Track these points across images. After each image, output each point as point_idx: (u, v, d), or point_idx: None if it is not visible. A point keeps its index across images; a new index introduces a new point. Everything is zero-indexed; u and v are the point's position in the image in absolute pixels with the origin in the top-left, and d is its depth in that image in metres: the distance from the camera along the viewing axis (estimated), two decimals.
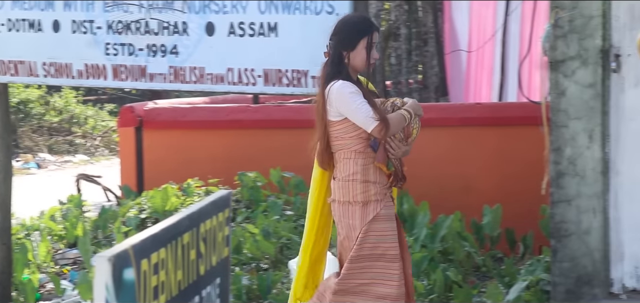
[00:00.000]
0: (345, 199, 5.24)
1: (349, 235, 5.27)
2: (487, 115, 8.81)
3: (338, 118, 5.23)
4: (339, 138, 5.26)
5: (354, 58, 5.29)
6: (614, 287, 6.78)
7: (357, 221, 5.22)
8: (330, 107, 5.24)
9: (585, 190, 6.72)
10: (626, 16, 6.68)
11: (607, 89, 6.71)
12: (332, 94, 5.22)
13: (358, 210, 5.22)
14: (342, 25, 5.42)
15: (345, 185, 5.24)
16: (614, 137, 6.71)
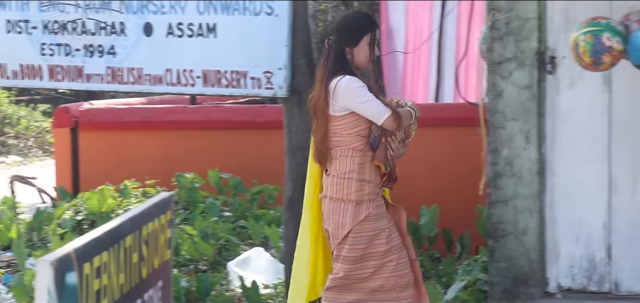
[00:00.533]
0: (338, 196, 5.21)
1: (334, 233, 5.25)
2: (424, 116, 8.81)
3: (341, 113, 5.19)
4: (337, 134, 5.23)
5: (357, 54, 5.27)
6: (550, 286, 6.87)
7: (348, 219, 5.20)
8: (335, 101, 5.18)
9: (522, 191, 6.80)
10: (561, 18, 6.78)
11: (543, 91, 6.80)
12: (339, 88, 5.16)
13: (350, 208, 5.20)
14: (345, 21, 5.41)
15: (340, 182, 5.21)
16: (550, 138, 6.80)
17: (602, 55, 5.11)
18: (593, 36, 5.14)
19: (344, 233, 5.21)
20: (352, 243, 5.21)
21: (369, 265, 5.22)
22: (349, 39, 5.27)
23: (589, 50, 5.12)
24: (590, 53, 5.11)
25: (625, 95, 6.70)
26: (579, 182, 6.79)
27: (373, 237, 5.23)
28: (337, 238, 5.23)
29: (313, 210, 5.42)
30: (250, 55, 6.69)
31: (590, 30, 5.15)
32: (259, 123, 9.48)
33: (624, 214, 6.72)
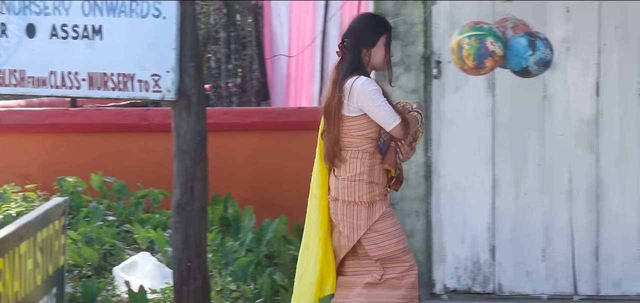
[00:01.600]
0: (351, 199, 5.26)
1: (350, 235, 5.29)
2: (309, 119, 8.87)
3: (354, 113, 5.23)
4: (348, 135, 5.27)
5: (374, 55, 5.31)
6: (436, 287, 6.99)
7: (362, 221, 5.26)
8: (349, 101, 5.21)
9: (409, 194, 6.89)
10: (446, 24, 6.90)
11: (429, 95, 6.91)
12: (354, 89, 5.19)
13: (364, 210, 5.25)
14: (361, 23, 5.41)
15: (351, 184, 5.26)
16: (436, 141, 6.92)
17: (485, 60, 5.21)
18: (477, 40, 5.24)
19: (359, 234, 5.27)
20: (377, 242, 5.27)
21: (403, 259, 5.28)
22: (366, 40, 5.30)
23: (473, 53, 5.21)
24: (474, 57, 5.20)
25: (507, 99, 6.87)
26: (464, 185, 6.92)
27: (393, 234, 5.29)
28: (353, 240, 5.28)
29: (322, 207, 5.43)
30: (138, 57, 6.59)
31: (475, 34, 5.24)
32: (143, 126, 9.35)
33: (507, 216, 6.89)
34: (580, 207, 6.84)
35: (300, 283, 5.52)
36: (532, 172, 6.87)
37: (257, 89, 11.70)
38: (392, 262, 5.29)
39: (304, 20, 11.19)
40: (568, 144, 6.84)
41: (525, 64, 5.23)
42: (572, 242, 6.86)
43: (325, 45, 11.00)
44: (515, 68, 5.29)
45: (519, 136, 6.88)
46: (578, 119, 6.84)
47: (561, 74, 6.78)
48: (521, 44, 5.27)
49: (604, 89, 6.81)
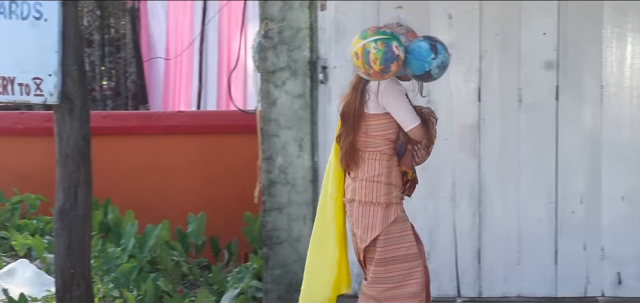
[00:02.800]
0: (368, 200, 5.31)
1: (363, 236, 5.34)
2: (190, 123, 8.81)
3: (376, 111, 5.31)
4: (368, 135, 5.35)
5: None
6: None
7: (377, 222, 5.31)
8: (373, 98, 5.29)
9: (296, 198, 6.90)
10: (332, 29, 6.94)
11: (315, 100, 6.94)
12: (382, 86, 5.28)
13: (380, 211, 5.32)
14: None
15: (369, 185, 5.32)
16: (322, 145, 6.94)
17: (391, 64, 5.25)
18: (384, 44, 5.26)
19: (373, 235, 5.31)
20: (384, 245, 5.31)
21: (403, 267, 5.33)
22: None
23: (381, 58, 5.24)
24: (381, 61, 5.23)
25: None
26: None
27: (402, 239, 5.34)
28: (366, 241, 5.34)
29: (338, 208, 5.47)
30: (18, 60, 6.41)
31: (380, 38, 5.28)
32: (18, 130, 9.11)
33: None
34: (463, 211, 6.97)
35: (313, 280, 5.55)
36: (418, 176, 6.92)
37: (134, 92, 11.52)
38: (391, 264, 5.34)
39: (181, 23, 11.08)
40: (451, 149, 6.95)
41: (428, 67, 5.29)
42: (455, 245, 6.98)
43: (204, 48, 10.93)
44: (417, 72, 5.34)
45: None
46: (461, 124, 6.96)
47: (444, 79, 6.77)
48: (423, 47, 5.33)
49: (485, 95, 6.95)
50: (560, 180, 6.91)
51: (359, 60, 5.29)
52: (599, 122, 6.89)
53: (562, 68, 6.89)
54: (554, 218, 6.93)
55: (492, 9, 6.92)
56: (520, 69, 6.93)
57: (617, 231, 6.90)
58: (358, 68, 5.33)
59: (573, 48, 6.90)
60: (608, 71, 6.90)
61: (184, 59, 10.94)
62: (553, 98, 6.91)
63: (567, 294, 6.95)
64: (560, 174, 6.92)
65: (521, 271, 6.96)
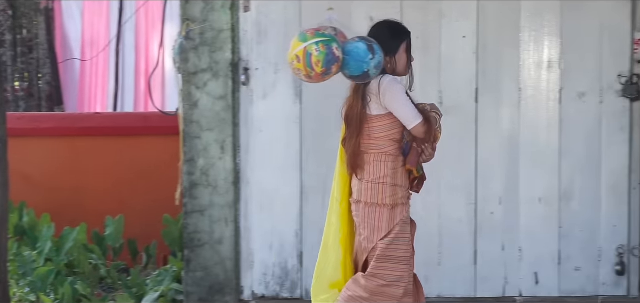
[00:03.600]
0: (374, 201, 5.31)
1: (370, 237, 5.33)
2: (109, 125, 8.71)
3: (379, 112, 5.30)
4: (372, 137, 5.33)
5: (397, 62, 5.41)
6: (245, 294, 7.00)
7: (384, 223, 5.31)
8: (375, 98, 5.27)
9: (218, 200, 6.87)
10: (253, 31, 6.93)
11: (237, 101, 6.92)
12: (382, 85, 5.26)
13: (386, 212, 5.32)
14: (381, 32, 5.44)
15: (375, 187, 5.31)
16: (244, 147, 6.93)
17: (332, 66, 5.24)
18: (325, 46, 5.25)
19: (380, 236, 5.31)
20: (388, 243, 5.31)
21: (398, 268, 5.33)
22: (388, 48, 5.37)
23: (323, 60, 5.22)
24: (324, 63, 5.22)
25: (315, 106, 6.96)
26: (273, 191, 6.97)
27: (403, 240, 5.36)
28: (373, 242, 5.33)
29: (343, 211, 5.45)
30: None
31: (322, 40, 5.26)
32: None
33: (315, 222, 6.95)
34: None
35: (318, 281, 5.52)
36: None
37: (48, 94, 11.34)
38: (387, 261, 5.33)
39: (97, 24, 10.95)
40: None
41: (366, 68, 5.30)
42: None
43: (121, 49, 10.82)
44: (355, 73, 5.34)
45: (326, 143, 6.95)
46: None
47: None
48: (361, 48, 5.33)
49: None
50: (480, 182, 7.01)
51: (300, 63, 5.26)
52: (517, 124, 7.00)
53: (481, 71, 6.99)
54: (474, 219, 7.02)
55: (413, 12, 6.97)
56: (441, 72, 7.00)
57: (534, 232, 7.01)
58: (299, 71, 5.30)
59: (492, 51, 7.00)
60: (526, 74, 7.01)
61: (100, 60, 10.81)
62: (473, 100, 6.99)
63: (486, 294, 7.04)
64: (479, 176, 7.01)
65: (441, 271, 7.03)
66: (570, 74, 6.99)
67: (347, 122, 5.43)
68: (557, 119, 7.00)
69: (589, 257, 7.03)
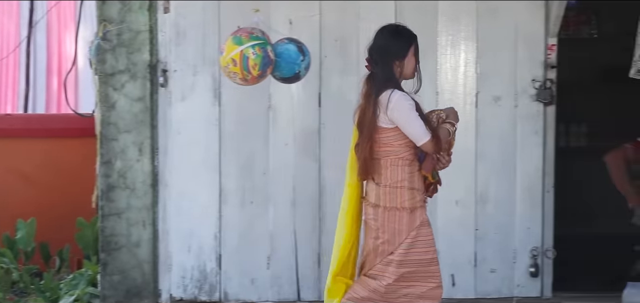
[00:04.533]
0: (392, 205, 5.32)
1: (391, 240, 5.34)
2: (21, 127, 8.54)
3: (387, 125, 5.30)
4: (387, 145, 5.33)
5: (406, 66, 5.40)
6: (162, 297, 6.94)
7: (404, 226, 5.33)
8: (384, 114, 5.26)
9: (136, 203, 6.80)
10: (172, 32, 6.88)
11: (156, 103, 6.86)
12: (390, 102, 5.26)
13: (405, 216, 5.33)
14: (389, 37, 5.44)
15: (393, 191, 5.32)
16: (163, 150, 6.87)
17: (267, 69, 5.23)
18: (261, 49, 5.23)
19: (400, 239, 5.33)
20: (407, 248, 5.33)
21: (430, 269, 5.40)
22: (398, 52, 5.38)
23: (260, 63, 5.20)
24: (260, 66, 5.19)
25: (234, 108, 6.94)
26: (191, 194, 6.92)
27: (425, 243, 5.39)
28: (394, 245, 5.34)
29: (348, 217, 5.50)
30: None
31: (257, 43, 5.24)
32: None
33: (233, 225, 6.95)
34: (303, 215, 7.00)
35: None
36: (258, 181, 6.96)
37: None
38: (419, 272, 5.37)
39: (7, 24, 10.75)
40: (292, 153, 6.98)
41: (298, 69, 5.30)
42: (295, 250, 7.01)
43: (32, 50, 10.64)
44: (286, 74, 5.33)
45: (245, 145, 6.96)
46: (301, 129, 7.00)
47: (286, 85, 6.89)
48: (292, 50, 5.33)
49: (325, 100, 7.01)
50: None
51: (237, 66, 5.23)
52: None
53: None
54: None
55: (332, 14, 6.99)
56: (359, 74, 6.97)
57: (451, 234, 7.08)
58: (234, 75, 5.26)
59: None
60: (443, 78, 7.08)
61: (10, 61, 10.61)
62: None
63: None
64: None
65: None
66: (486, 78, 7.08)
67: (359, 128, 5.43)
68: (473, 122, 7.08)
69: (504, 259, 7.12)
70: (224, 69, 5.27)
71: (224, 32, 6.76)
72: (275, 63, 5.30)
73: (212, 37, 6.87)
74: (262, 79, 5.29)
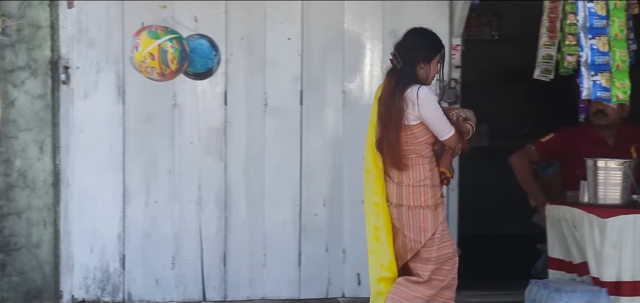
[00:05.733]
0: (417, 204, 5.47)
1: (417, 238, 5.48)
2: None
3: (414, 122, 5.42)
4: (409, 144, 5.46)
5: (428, 70, 5.53)
6: (64, 298, 6.80)
7: (429, 224, 5.47)
8: (412, 109, 5.40)
9: (36, 203, 6.66)
10: (74, 28, 6.76)
11: (57, 101, 6.73)
12: (419, 97, 5.40)
13: (430, 213, 5.48)
14: (421, 39, 5.57)
15: (417, 190, 5.46)
16: (64, 148, 6.73)
17: (184, 62, 5.16)
18: (178, 43, 5.15)
19: (427, 236, 5.47)
20: (438, 243, 5.49)
21: (449, 264, 5.54)
22: (425, 55, 5.52)
23: (178, 56, 5.12)
24: (178, 60, 5.12)
25: (138, 106, 6.84)
26: (95, 193, 6.80)
27: (448, 238, 5.57)
28: (421, 242, 5.49)
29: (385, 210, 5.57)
30: None
31: (175, 37, 5.17)
32: None
33: (137, 225, 6.85)
34: (209, 214, 6.93)
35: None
36: (163, 180, 6.87)
37: None
38: (444, 264, 5.53)
39: None
40: (197, 152, 6.91)
41: (211, 64, 5.25)
42: (201, 250, 6.93)
43: None
44: (199, 70, 5.27)
45: (149, 144, 6.86)
46: (207, 128, 6.93)
47: (190, 82, 6.77)
48: (205, 45, 5.28)
49: (231, 98, 6.96)
50: (305, 184, 7.03)
51: (154, 60, 5.15)
52: (341, 127, 7.06)
53: (306, 73, 7.02)
54: (299, 221, 7.03)
55: (238, 13, 6.94)
56: (266, 73, 6.99)
57: (357, 233, 7.04)
58: (152, 69, 5.18)
59: (316, 53, 7.04)
60: (349, 76, 7.08)
61: None
62: (297, 103, 7.02)
63: (310, 296, 7.06)
64: (304, 178, 7.03)
65: (266, 274, 7.01)
66: None
67: (384, 122, 5.50)
68: None
69: None
70: (141, 63, 5.18)
71: (128, 28, 6.69)
72: (190, 58, 5.24)
73: (116, 34, 6.76)
74: (178, 74, 5.23)
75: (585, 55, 5.41)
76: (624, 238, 5.83)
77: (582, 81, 5.49)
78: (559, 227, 6.27)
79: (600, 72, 5.37)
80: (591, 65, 5.38)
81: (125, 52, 6.74)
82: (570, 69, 6.98)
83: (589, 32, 5.37)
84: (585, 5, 5.37)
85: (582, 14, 5.41)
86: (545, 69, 6.97)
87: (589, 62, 5.39)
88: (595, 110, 6.79)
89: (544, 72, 6.98)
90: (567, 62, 6.93)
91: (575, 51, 6.92)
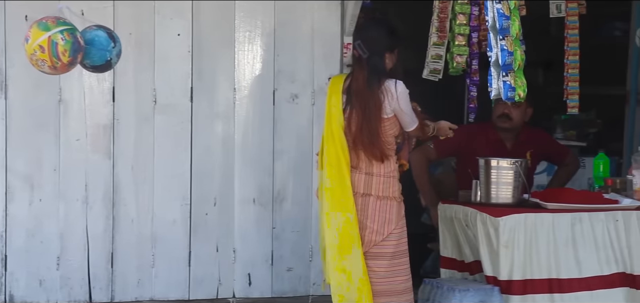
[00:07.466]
0: (385, 195, 5.46)
1: (380, 230, 5.45)
2: None
3: (388, 114, 5.42)
4: (382, 135, 5.44)
5: (392, 60, 5.49)
6: None
7: (393, 216, 5.48)
8: (389, 102, 5.39)
9: None
10: None
11: None
12: (399, 91, 5.41)
13: (395, 206, 5.49)
14: (381, 29, 5.55)
15: (387, 181, 5.47)
16: None
17: (77, 55, 4.99)
18: (70, 35, 4.98)
19: (390, 229, 5.46)
20: (398, 238, 5.49)
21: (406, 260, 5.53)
22: (389, 45, 5.50)
23: (69, 49, 4.95)
24: (70, 52, 4.95)
25: (21, 102, 6.67)
26: None
27: (405, 233, 5.54)
28: (382, 235, 5.46)
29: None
30: None
31: (66, 29, 4.99)
32: None
33: (21, 224, 6.66)
34: (96, 213, 6.76)
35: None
36: (48, 177, 6.67)
37: None
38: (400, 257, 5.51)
39: None
40: (84, 149, 6.73)
41: (109, 56, 5.10)
42: (87, 249, 6.75)
43: None
44: (97, 62, 5.12)
45: (33, 140, 6.66)
46: (94, 124, 6.76)
47: (77, 77, 6.64)
48: (102, 36, 5.13)
49: (119, 95, 6.80)
50: (195, 182, 6.91)
51: (45, 53, 4.97)
52: (232, 124, 6.97)
53: (196, 70, 6.91)
54: (188, 221, 6.92)
55: (126, 8, 6.80)
56: (155, 70, 6.86)
57: (248, 233, 7.01)
58: (43, 62, 5.00)
59: (207, 50, 6.94)
60: (240, 74, 7.01)
61: None
62: (188, 100, 6.90)
63: (200, 296, 6.95)
64: (194, 176, 6.91)
65: (155, 274, 6.86)
66: (283, 75, 7.05)
67: (365, 115, 5.40)
68: (271, 120, 7.03)
69: (300, 258, 7.10)
70: (31, 57, 5.01)
71: (10, 23, 6.57)
72: (85, 50, 5.09)
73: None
74: (73, 67, 5.06)
75: (495, 55, 5.42)
76: (515, 237, 5.88)
77: (491, 82, 5.49)
78: (451, 226, 6.29)
79: (509, 72, 5.40)
80: (503, 66, 5.40)
81: (7, 45, 6.56)
82: (460, 69, 7.08)
83: (500, 33, 5.39)
84: (493, 5, 5.38)
85: (491, 15, 5.42)
86: (434, 68, 7.02)
87: (500, 62, 5.39)
88: (500, 113, 6.83)
89: (432, 72, 7.04)
90: (456, 62, 7.03)
91: (464, 51, 7.03)
